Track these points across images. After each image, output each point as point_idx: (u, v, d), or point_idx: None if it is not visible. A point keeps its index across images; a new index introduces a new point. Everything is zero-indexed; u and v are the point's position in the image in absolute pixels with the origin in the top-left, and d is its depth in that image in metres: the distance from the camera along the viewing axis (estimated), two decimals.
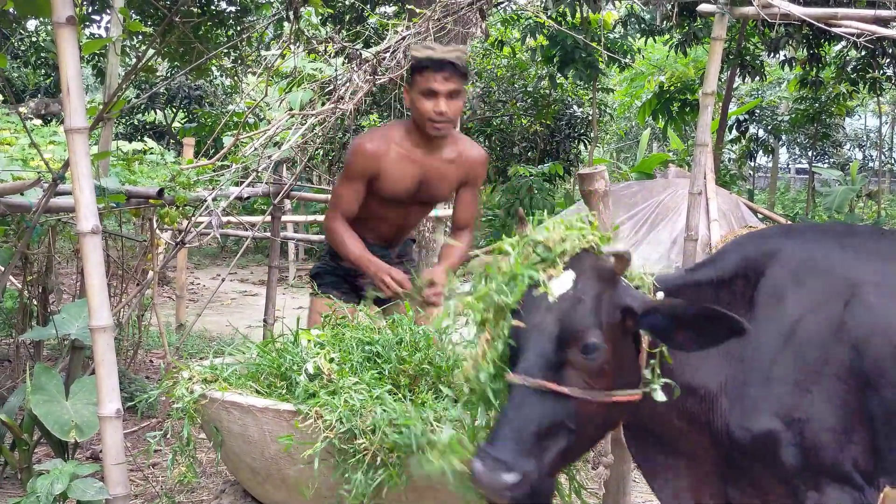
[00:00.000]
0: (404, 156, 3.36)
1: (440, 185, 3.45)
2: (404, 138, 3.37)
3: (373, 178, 3.37)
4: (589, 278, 1.92)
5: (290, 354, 2.60)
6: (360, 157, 3.35)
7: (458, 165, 3.44)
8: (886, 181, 22.29)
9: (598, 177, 2.66)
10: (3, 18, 7.76)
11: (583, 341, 1.86)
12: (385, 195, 3.41)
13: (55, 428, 3.10)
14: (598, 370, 1.88)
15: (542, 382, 1.85)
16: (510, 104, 15.16)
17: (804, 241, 2.15)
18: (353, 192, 3.40)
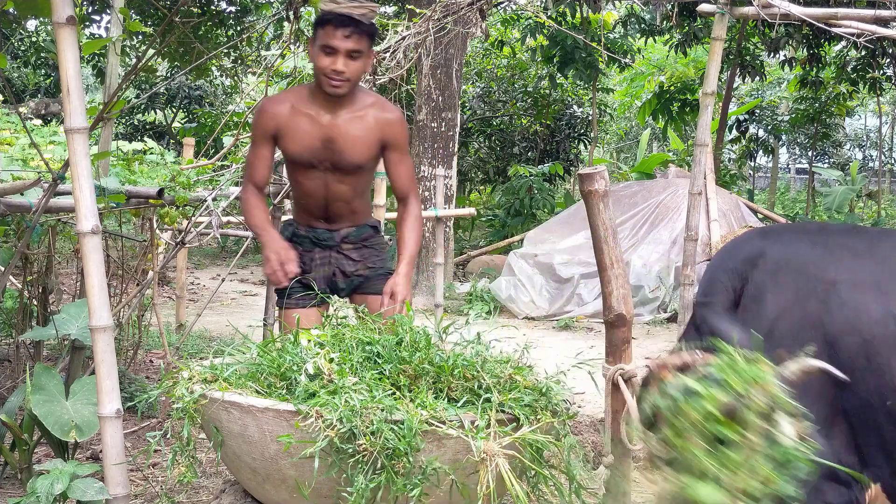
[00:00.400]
0: (306, 115, 3.23)
1: (350, 147, 3.25)
2: (307, 98, 3.24)
3: (277, 140, 3.28)
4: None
5: (290, 355, 2.60)
6: (259, 117, 3.27)
7: (370, 126, 3.26)
8: (886, 181, 22.30)
9: (598, 177, 2.66)
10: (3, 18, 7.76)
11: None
12: (292, 157, 3.30)
13: (55, 428, 3.10)
14: None
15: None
16: (510, 104, 15.16)
17: (782, 242, 2.20)
18: (260, 157, 3.31)
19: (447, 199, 9.03)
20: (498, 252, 11.56)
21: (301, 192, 3.40)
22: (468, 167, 15.58)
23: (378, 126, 3.28)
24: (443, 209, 6.07)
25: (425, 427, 2.30)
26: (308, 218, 3.41)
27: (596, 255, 2.73)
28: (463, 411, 2.43)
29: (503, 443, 2.36)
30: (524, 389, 2.57)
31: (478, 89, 15.44)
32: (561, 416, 2.59)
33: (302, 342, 2.68)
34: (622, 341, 2.68)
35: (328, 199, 3.35)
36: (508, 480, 2.32)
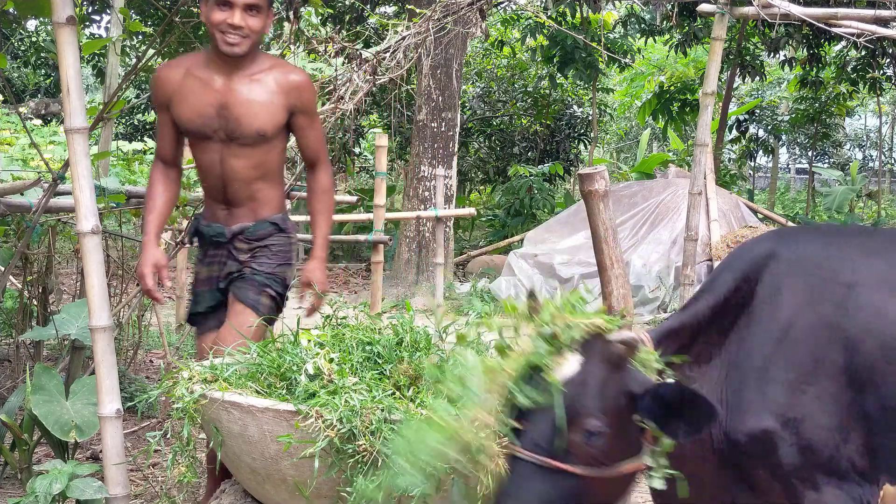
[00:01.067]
0: (200, 80, 2.93)
1: (247, 112, 2.91)
2: (203, 63, 2.95)
3: (170, 109, 2.97)
4: (596, 364, 1.94)
5: (290, 355, 2.59)
6: (153, 84, 3.01)
7: (272, 90, 2.94)
8: (886, 181, 22.30)
9: (598, 177, 2.66)
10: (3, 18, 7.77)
11: (586, 427, 1.88)
12: (184, 127, 2.97)
13: (55, 428, 3.10)
14: (601, 452, 1.90)
15: (548, 460, 1.88)
16: (510, 104, 15.17)
17: (795, 243, 2.16)
18: (162, 127, 3.03)
19: (447, 199, 9.03)
20: (498, 252, 11.56)
21: (199, 171, 3.07)
22: (468, 167, 15.58)
23: (282, 90, 2.95)
24: (443, 209, 6.07)
25: None
26: (210, 206, 3.08)
27: (596, 255, 2.73)
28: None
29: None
30: None
31: (478, 89, 15.45)
32: None
33: (302, 342, 2.68)
34: None
35: (225, 178, 2.98)
36: None
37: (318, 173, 3.13)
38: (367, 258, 11.53)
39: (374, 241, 5.33)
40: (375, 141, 5.39)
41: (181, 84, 2.94)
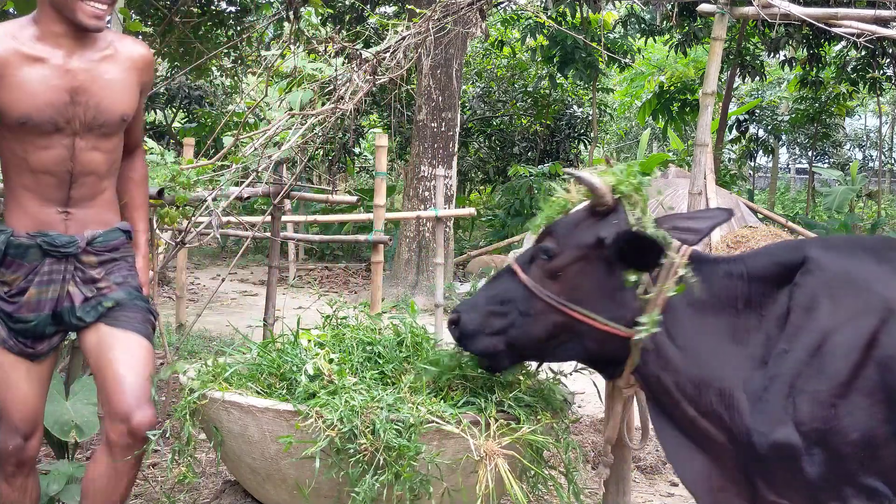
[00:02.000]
0: (39, 61, 2.33)
1: (110, 96, 2.43)
2: (34, 38, 2.34)
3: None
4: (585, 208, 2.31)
5: (290, 356, 2.60)
6: None
7: (126, 67, 2.48)
8: (886, 181, 22.30)
9: None
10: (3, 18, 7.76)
11: (544, 244, 2.30)
12: (21, 119, 2.32)
13: (55, 428, 3.10)
14: (550, 271, 2.26)
15: (512, 263, 2.35)
16: (510, 104, 15.17)
17: (839, 254, 2.13)
18: None
19: (447, 199, 9.03)
20: (498, 252, 11.56)
21: (27, 172, 2.40)
22: (468, 167, 15.59)
23: (136, 67, 2.51)
24: (443, 209, 6.07)
25: (426, 426, 2.30)
26: (34, 215, 2.42)
27: None
28: (462, 411, 2.43)
29: (503, 443, 2.37)
30: (525, 389, 2.57)
31: (478, 89, 15.45)
32: (562, 418, 2.59)
33: (302, 342, 2.68)
34: None
35: (74, 177, 2.43)
36: (508, 480, 2.32)
37: (136, 160, 2.72)
38: (367, 258, 11.54)
39: (374, 241, 5.33)
40: (375, 141, 5.38)
41: (13, 66, 2.31)
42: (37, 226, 2.43)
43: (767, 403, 2.01)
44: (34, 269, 2.43)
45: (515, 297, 2.28)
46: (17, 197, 2.43)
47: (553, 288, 2.24)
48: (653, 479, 4.06)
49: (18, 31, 2.35)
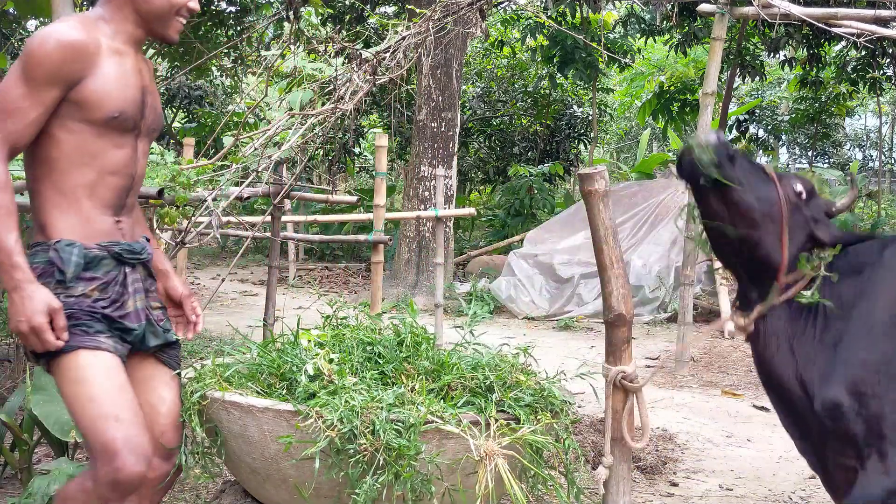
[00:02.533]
0: (122, 57, 2.26)
1: (159, 102, 2.43)
2: (112, 35, 2.27)
3: (76, 88, 2.17)
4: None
5: (290, 356, 2.60)
6: (59, 50, 2.11)
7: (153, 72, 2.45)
8: (886, 181, 22.29)
9: (598, 177, 2.66)
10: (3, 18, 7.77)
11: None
12: (112, 115, 2.21)
13: (55, 428, 3.10)
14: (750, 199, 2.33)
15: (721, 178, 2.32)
16: (510, 104, 15.18)
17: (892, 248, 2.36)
18: (37, 106, 2.12)
19: (447, 199, 9.04)
20: (498, 252, 11.56)
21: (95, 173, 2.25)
22: (468, 167, 15.59)
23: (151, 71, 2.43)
24: (443, 209, 6.07)
25: (426, 426, 2.31)
26: (93, 223, 2.27)
27: (596, 255, 2.73)
28: (462, 411, 2.44)
29: (503, 443, 2.37)
30: (525, 389, 2.57)
31: (478, 89, 15.45)
32: (563, 418, 2.59)
33: (302, 342, 2.68)
34: (622, 341, 2.68)
35: (133, 182, 2.34)
36: (507, 481, 2.32)
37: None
38: (367, 258, 11.55)
39: (374, 241, 5.34)
40: (375, 141, 5.39)
41: (99, 57, 2.20)
42: (98, 235, 2.27)
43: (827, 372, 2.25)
44: (113, 279, 2.29)
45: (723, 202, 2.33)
46: (73, 202, 2.24)
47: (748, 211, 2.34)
48: (653, 479, 4.06)
49: (95, 24, 2.25)
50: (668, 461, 4.31)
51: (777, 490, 4.00)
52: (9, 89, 2.12)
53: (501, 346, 2.84)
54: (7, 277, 2.09)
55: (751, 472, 4.30)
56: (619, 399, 2.65)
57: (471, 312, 3.00)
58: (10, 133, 2.12)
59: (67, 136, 2.20)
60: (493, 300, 9.08)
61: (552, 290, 9.06)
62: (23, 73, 2.11)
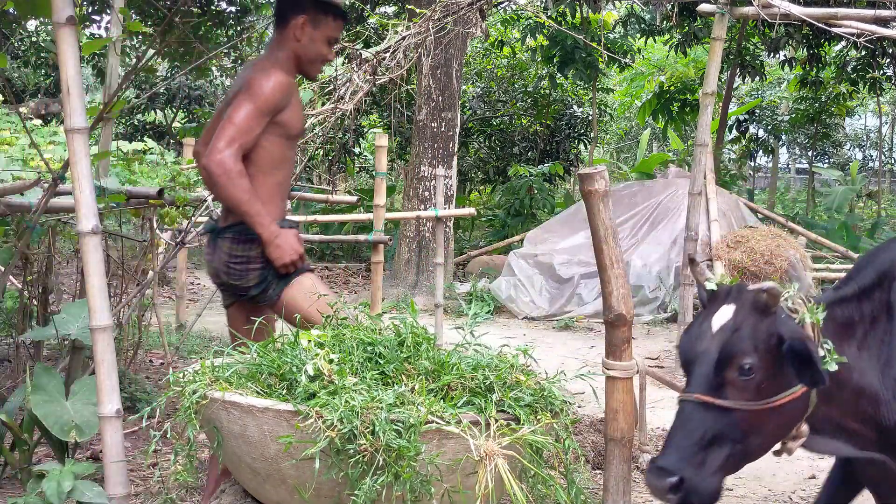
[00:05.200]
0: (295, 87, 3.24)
1: None
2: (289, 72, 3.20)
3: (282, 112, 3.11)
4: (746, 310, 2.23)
5: (290, 356, 2.59)
6: (282, 87, 3.07)
7: None
8: (886, 181, 22.30)
9: (598, 177, 2.66)
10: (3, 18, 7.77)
11: (740, 360, 2.18)
12: (294, 132, 3.20)
13: (55, 428, 3.10)
14: (755, 387, 2.17)
15: (704, 397, 2.17)
16: (510, 104, 15.17)
17: None
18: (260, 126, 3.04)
19: (447, 199, 9.03)
20: (498, 252, 11.56)
21: (283, 174, 3.21)
22: (468, 167, 15.58)
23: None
24: (443, 209, 6.07)
25: (426, 426, 2.30)
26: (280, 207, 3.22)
27: (596, 255, 2.73)
28: (462, 411, 2.43)
29: (503, 443, 2.36)
30: (525, 389, 2.57)
31: (478, 89, 15.44)
32: (563, 418, 2.59)
33: (302, 343, 2.68)
34: (622, 341, 2.68)
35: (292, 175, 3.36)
36: (508, 481, 2.32)
37: None
38: (367, 258, 11.53)
39: (374, 241, 5.33)
40: (375, 141, 5.38)
41: (294, 91, 3.19)
42: (280, 215, 3.17)
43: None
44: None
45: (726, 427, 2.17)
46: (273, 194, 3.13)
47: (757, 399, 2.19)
48: None
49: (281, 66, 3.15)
50: None
51: (777, 490, 4.00)
52: (247, 116, 2.99)
53: (502, 347, 2.84)
54: (266, 232, 3.01)
55: (751, 472, 4.30)
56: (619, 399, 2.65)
57: (471, 313, 3.00)
58: (243, 144, 2.99)
59: (270, 146, 3.09)
60: (493, 300, 9.07)
61: (552, 290, 9.05)
62: (255, 105, 3.00)
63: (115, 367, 2.73)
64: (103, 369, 2.70)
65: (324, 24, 3.18)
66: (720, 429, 2.16)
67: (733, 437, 2.17)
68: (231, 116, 2.98)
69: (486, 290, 9.32)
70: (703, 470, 2.15)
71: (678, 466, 2.14)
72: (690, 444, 2.17)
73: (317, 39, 3.18)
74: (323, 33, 3.19)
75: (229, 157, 2.91)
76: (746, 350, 2.16)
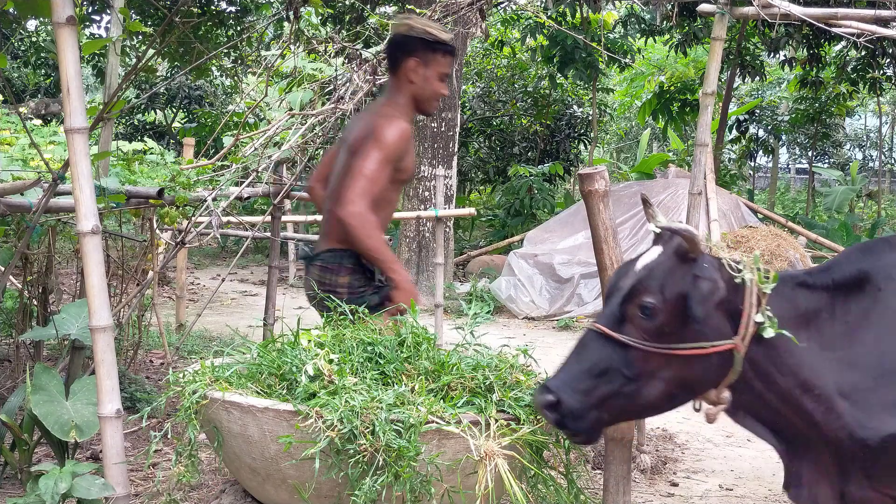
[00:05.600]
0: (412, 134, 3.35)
1: None
2: (406, 114, 3.34)
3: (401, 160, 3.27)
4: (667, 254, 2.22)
5: (290, 356, 2.59)
6: (403, 138, 3.22)
7: None
8: (886, 181, 22.31)
9: (598, 177, 2.66)
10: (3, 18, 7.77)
11: (641, 299, 2.17)
12: (408, 175, 3.37)
13: (55, 428, 3.10)
14: (657, 329, 2.15)
15: (599, 327, 2.20)
16: (510, 104, 15.16)
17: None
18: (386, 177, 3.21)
19: (447, 199, 9.03)
20: (498, 252, 11.56)
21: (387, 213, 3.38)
22: (468, 167, 15.58)
23: None
24: (443, 209, 6.07)
25: (427, 426, 2.30)
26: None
27: (596, 255, 2.73)
28: (462, 411, 2.43)
29: (503, 443, 2.36)
30: (525, 389, 2.57)
31: (478, 89, 15.44)
32: None
33: (302, 343, 2.68)
34: None
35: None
36: (508, 481, 2.32)
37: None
38: None
39: None
40: None
41: (411, 140, 3.31)
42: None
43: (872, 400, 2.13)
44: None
45: (618, 362, 2.17)
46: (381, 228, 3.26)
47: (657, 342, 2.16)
48: (653, 479, 4.06)
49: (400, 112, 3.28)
50: (668, 461, 4.31)
51: (777, 490, 4.00)
52: (377, 167, 3.13)
53: (502, 347, 2.84)
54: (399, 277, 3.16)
55: (751, 472, 4.30)
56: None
57: (471, 313, 3.00)
58: (374, 195, 3.12)
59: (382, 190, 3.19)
60: (493, 300, 9.07)
61: (552, 290, 9.05)
62: (383, 155, 3.14)
63: (115, 367, 2.73)
64: (103, 369, 2.69)
65: (434, 62, 3.29)
66: (612, 363, 2.17)
67: (626, 374, 2.16)
68: (362, 168, 3.12)
69: (486, 290, 9.32)
70: (587, 399, 2.17)
71: (560, 388, 2.18)
72: (579, 371, 2.20)
73: (430, 78, 3.30)
74: (435, 71, 3.29)
75: (365, 209, 3.07)
76: (651, 290, 2.16)
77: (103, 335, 2.69)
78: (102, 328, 2.69)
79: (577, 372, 2.20)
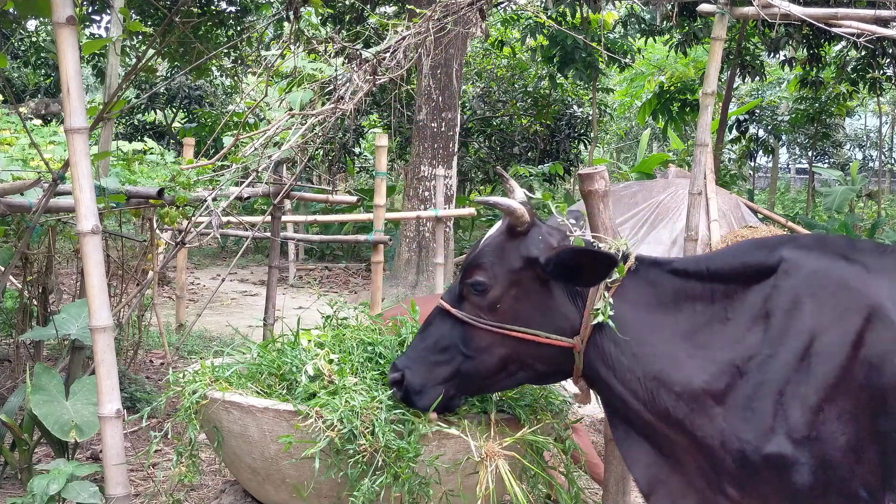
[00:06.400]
0: None
1: None
2: None
3: None
4: (502, 230, 2.22)
5: (290, 356, 2.59)
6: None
7: None
8: (886, 181, 22.30)
9: (598, 177, 2.66)
10: (3, 18, 7.76)
11: (471, 278, 2.20)
12: None
13: (55, 428, 3.10)
14: (489, 304, 2.17)
15: (441, 304, 2.24)
16: (510, 104, 15.16)
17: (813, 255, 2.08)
18: None
19: (447, 199, 9.03)
20: None
21: None
22: (468, 167, 15.58)
23: None
24: (443, 209, 6.07)
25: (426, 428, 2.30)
26: None
27: None
28: (462, 411, 2.43)
29: (503, 443, 2.36)
30: (525, 389, 2.57)
31: (478, 89, 15.44)
32: (562, 418, 2.59)
33: (302, 343, 2.68)
34: None
35: None
36: (508, 481, 2.32)
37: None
38: (367, 258, 11.53)
39: (374, 241, 5.34)
40: (375, 141, 5.38)
41: None
42: None
43: (756, 412, 1.96)
44: None
45: (456, 338, 2.20)
46: None
47: (492, 319, 2.18)
48: None
49: None
50: None
51: None
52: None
53: None
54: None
55: None
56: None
57: None
58: None
59: None
60: None
61: None
62: None
63: (115, 367, 2.73)
64: (103, 369, 2.69)
65: None
66: (451, 339, 2.20)
67: (463, 351, 2.19)
68: None
69: None
70: (430, 375, 2.21)
71: (405, 365, 2.24)
72: (423, 348, 2.23)
73: None
74: None
75: None
76: (481, 266, 2.18)
77: (103, 335, 2.69)
78: (102, 328, 2.69)
79: (421, 349, 2.24)
